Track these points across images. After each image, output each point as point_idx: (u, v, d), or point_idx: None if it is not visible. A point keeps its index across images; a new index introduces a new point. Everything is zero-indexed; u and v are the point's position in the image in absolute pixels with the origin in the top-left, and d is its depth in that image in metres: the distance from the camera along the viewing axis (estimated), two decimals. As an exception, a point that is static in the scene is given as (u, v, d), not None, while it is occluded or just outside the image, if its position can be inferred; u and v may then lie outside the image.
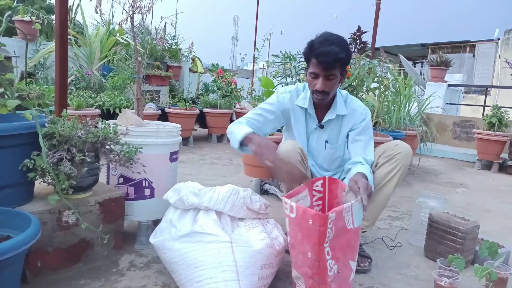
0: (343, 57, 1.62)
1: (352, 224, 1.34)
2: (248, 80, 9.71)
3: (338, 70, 1.66)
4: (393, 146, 1.81)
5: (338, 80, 1.69)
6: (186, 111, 4.81)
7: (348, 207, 1.31)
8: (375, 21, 4.88)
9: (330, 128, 1.86)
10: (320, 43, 1.63)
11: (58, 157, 1.41)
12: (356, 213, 1.35)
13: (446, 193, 3.41)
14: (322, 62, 1.61)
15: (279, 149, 1.74)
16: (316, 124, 1.86)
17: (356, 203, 1.35)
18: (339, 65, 1.64)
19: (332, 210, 1.26)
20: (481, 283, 1.69)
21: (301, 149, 1.74)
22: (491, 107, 4.89)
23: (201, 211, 1.47)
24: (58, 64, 1.87)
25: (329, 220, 1.22)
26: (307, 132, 1.89)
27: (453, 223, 1.85)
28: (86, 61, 5.32)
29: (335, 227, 1.26)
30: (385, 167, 1.78)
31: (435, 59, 6.97)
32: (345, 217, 1.31)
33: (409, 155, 1.78)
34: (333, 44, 1.61)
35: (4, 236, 1.24)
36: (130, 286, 1.48)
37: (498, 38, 14.10)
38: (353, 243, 1.38)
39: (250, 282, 1.35)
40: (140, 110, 2.12)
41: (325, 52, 1.59)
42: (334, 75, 1.65)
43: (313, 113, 1.84)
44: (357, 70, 3.21)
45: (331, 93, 1.71)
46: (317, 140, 1.89)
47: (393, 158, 1.77)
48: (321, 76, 1.65)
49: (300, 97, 1.85)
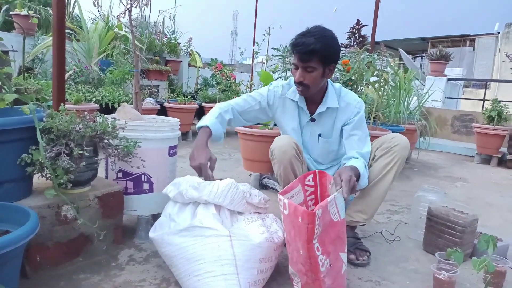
0: (317, 48, 1.61)
1: (338, 216, 1.34)
2: (247, 75, 9.68)
3: (317, 63, 1.65)
4: (390, 138, 1.80)
5: (319, 74, 1.69)
6: (185, 105, 4.80)
7: (332, 200, 1.31)
8: (374, 15, 4.85)
9: (323, 121, 1.86)
10: (299, 34, 1.67)
11: (56, 151, 1.41)
12: (340, 205, 1.35)
13: (446, 187, 3.41)
14: (296, 52, 1.67)
15: (274, 143, 1.74)
16: (308, 118, 1.87)
17: (338, 195, 1.35)
18: (316, 58, 1.64)
19: (318, 205, 1.25)
20: (480, 276, 1.70)
21: (296, 144, 1.74)
22: (490, 101, 4.87)
23: (200, 205, 1.47)
24: (56, 58, 1.85)
25: (316, 217, 1.22)
26: (300, 126, 1.90)
27: (452, 216, 1.85)
28: (85, 55, 5.30)
29: (322, 222, 1.26)
30: (382, 160, 1.78)
31: (435, 53, 6.94)
32: (330, 210, 1.31)
33: (406, 148, 1.78)
34: (311, 36, 1.63)
35: (3, 231, 1.24)
36: (129, 280, 1.49)
37: (498, 31, 14.05)
38: (341, 235, 1.38)
39: (249, 275, 1.36)
40: (139, 104, 2.12)
41: (299, 43, 1.64)
42: (311, 67, 1.66)
43: (305, 107, 1.85)
44: (356, 64, 3.20)
45: (311, 86, 1.71)
46: (310, 134, 1.90)
47: (390, 150, 1.77)
48: (299, 67, 1.68)
49: (290, 90, 1.87)
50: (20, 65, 4.11)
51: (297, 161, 1.74)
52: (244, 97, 1.92)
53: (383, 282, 1.63)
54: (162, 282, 1.50)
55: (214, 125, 1.75)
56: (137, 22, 5.42)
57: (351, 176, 1.49)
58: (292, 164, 1.71)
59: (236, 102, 1.90)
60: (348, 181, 1.46)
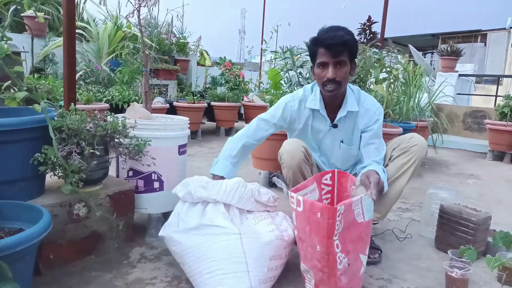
0: (349, 40, 1.61)
1: (362, 218, 1.33)
2: (255, 73, 9.67)
3: (347, 57, 1.63)
4: (408, 138, 1.78)
5: (348, 69, 1.66)
6: (194, 104, 4.81)
7: (358, 200, 1.30)
8: (384, 11, 4.81)
9: (344, 126, 1.82)
10: (325, 31, 1.65)
11: (67, 150, 1.42)
12: (366, 207, 1.34)
13: (458, 184, 3.36)
14: (329, 46, 1.60)
15: (283, 147, 1.73)
16: (329, 125, 1.82)
17: (366, 197, 1.34)
18: (347, 50, 1.62)
19: (341, 202, 1.24)
20: (493, 274, 1.67)
21: (305, 147, 1.73)
22: (503, 97, 4.79)
23: (210, 204, 1.47)
24: (66, 57, 1.87)
25: (338, 213, 1.21)
26: (318, 134, 1.86)
27: (465, 214, 1.83)
28: (95, 56, 5.35)
29: (344, 220, 1.25)
30: (399, 160, 1.76)
31: (445, 49, 6.84)
32: (355, 210, 1.30)
33: (424, 148, 1.75)
34: (338, 30, 1.63)
35: (16, 229, 1.25)
36: (141, 278, 1.50)
37: (510, 26, 13.81)
38: (364, 236, 1.37)
39: (259, 273, 1.36)
40: (148, 103, 2.13)
41: (331, 36, 1.60)
42: (343, 61, 1.63)
43: (325, 114, 1.80)
44: (363, 60, 3.17)
45: (342, 83, 1.67)
46: (332, 140, 1.86)
47: (408, 150, 1.75)
48: (330, 64, 1.63)
49: (309, 99, 1.81)
50: (30, 65, 4.16)
51: (306, 164, 1.72)
52: (256, 123, 1.87)
53: (395, 280, 1.62)
54: (173, 279, 1.51)
55: (228, 172, 1.75)
56: (146, 21, 5.45)
57: (379, 179, 1.49)
58: (301, 168, 1.70)
59: (249, 132, 1.85)
60: (377, 184, 1.46)
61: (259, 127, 1.86)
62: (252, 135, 1.85)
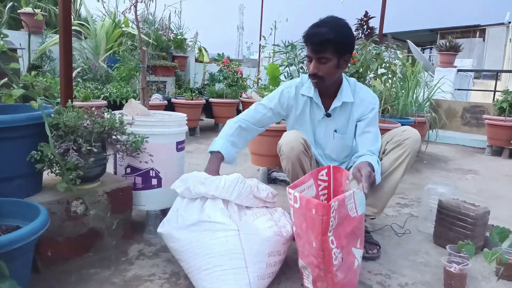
0: (330, 38, 1.59)
1: (355, 212, 1.33)
2: (254, 69, 9.64)
3: (331, 53, 1.63)
4: (401, 132, 1.78)
5: (333, 65, 1.66)
6: (192, 101, 4.80)
7: (350, 195, 1.30)
8: (382, 6, 4.79)
9: (338, 116, 1.83)
10: (312, 25, 1.65)
11: (64, 147, 1.42)
12: (359, 201, 1.34)
13: (456, 179, 3.37)
14: (310, 43, 1.64)
15: (282, 139, 1.73)
16: (323, 113, 1.83)
17: (358, 191, 1.34)
18: (330, 48, 1.62)
19: (334, 198, 1.24)
20: (492, 268, 1.68)
21: (304, 139, 1.72)
22: (501, 92, 4.79)
23: (208, 200, 1.47)
24: (63, 54, 1.86)
25: (332, 209, 1.21)
26: (314, 122, 1.87)
27: (463, 209, 1.83)
28: (92, 53, 5.33)
29: (338, 216, 1.25)
30: (393, 153, 1.75)
31: (444, 44, 6.83)
32: (348, 205, 1.29)
33: (417, 141, 1.75)
34: (324, 26, 1.61)
35: (13, 227, 1.25)
36: (139, 275, 1.50)
37: (509, 21, 13.78)
38: (356, 231, 1.37)
39: (258, 269, 1.36)
40: (146, 100, 2.12)
41: (312, 33, 1.62)
42: (325, 58, 1.63)
43: (319, 102, 1.81)
44: (363, 56, 3.16)
45: (326, 77, 1.68)
46: (325, 129, 1.86)
47: (401, 143, 1.74)
48: (313, 59, 1.66)
49: (304, 86, 1.84)
50: (27, 62, 4.14)
51: (305, 156, 1.72)
52: (255, 107, 1.88)
53: (393, 275, 1.62)
54: (172, 276, 1.51)
55: (225, 149, 1.73)
56: (143, 17, 5.42)
57: (370, 172, 1.49)
58: (300, 160, 1.70)
59: (247, 114, 1.87)
60: (368, 177, 1.45)
61: (257, 110, 1.88)
62: (250, 117, 1.86)
